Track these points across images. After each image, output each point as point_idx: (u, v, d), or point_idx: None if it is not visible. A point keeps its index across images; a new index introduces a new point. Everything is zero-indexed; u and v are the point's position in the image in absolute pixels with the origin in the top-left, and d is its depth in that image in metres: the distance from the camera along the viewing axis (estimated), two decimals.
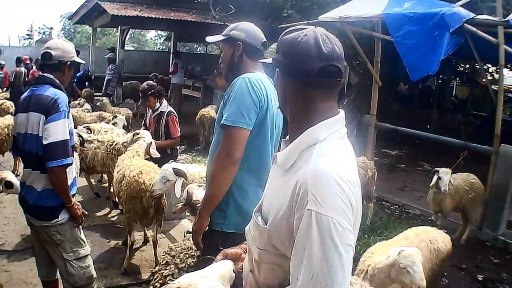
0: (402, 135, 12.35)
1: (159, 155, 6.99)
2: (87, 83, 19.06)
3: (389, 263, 4.00)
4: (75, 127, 7.00)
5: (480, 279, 6.72)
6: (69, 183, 4.16)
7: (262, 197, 2.20)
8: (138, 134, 7.24)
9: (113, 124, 10.15)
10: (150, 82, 8.14)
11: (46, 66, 4.24)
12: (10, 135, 9.31)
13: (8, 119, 9.84)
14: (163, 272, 3.93)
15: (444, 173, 7.19)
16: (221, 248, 2.82)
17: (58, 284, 4.75)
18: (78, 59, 4.43)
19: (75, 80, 18.15)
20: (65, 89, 4.34)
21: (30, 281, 5.75)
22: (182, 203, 4.75)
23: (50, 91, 4.06)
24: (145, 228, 6.62)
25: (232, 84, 3.30)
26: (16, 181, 4.92)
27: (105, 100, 14.31)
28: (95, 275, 4.55)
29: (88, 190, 8.92)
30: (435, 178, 7.24)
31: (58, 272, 4.55)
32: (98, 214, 8.15)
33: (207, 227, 3.41)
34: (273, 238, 1.98)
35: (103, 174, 9.40)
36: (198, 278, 2.06)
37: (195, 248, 3.83)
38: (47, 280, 4.74)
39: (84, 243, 4.44)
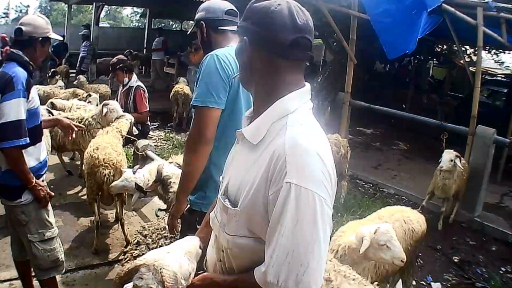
0: (377, 114, 12.35)
1: (137, 132, 6.99)
2: (64, 53, 19.08)
3: (364, 243, 3.93)
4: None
5: (456, 260, 6.75)
6: (35, 164, 4.10)
7: (226, 179, 2.05)
8: (107, 104, 7.21)
9: (88, 102, 9.98)
10: (120, 56, 8.13)
11: (17, 43, 4.12)
12: None
13: None
14: (133, 253, 3.91)
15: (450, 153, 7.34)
16: (197, 227, 2.80)
17: (29, 266, 4.66)
18: (53, 35, 4.26)
19: (52, 49, 17.83)
20: (40, 65, 4.24)
21: (2, 262, 5.65)
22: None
23: (10, 69, 3.92)
24: (117, 206, 6.51)
25: (201, 62, 3.23)
26: None
27: (82, 78, 14.07)
28: (62, 259, 4.45)
29: (60, 168, 8.79)
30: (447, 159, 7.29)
31: None
32: (70, 192, 8.03)
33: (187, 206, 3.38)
34: (245, 221, 1.86)
35: (75, 152, 9.26)
36: (164, 253, 2.03)
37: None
38: (19, 261, 4.68)
39: (51, 225, 4.33)
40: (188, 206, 3.37)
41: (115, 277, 1.95)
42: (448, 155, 7.29)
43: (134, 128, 7.03)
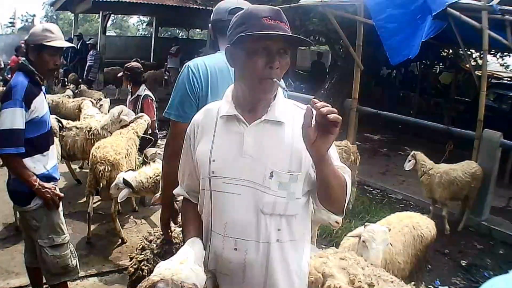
0: (384, 119, 12.35)
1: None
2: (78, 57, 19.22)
3: (355, 235, 4.07)
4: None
5: (463, 264, 6.72)
6: (42, 171, 4.11)
7: (263, 165, 2.20)
8: (121, 111, 7.49)
9: (99, 106, 10.10)
10: (133, 63, 8.13)
11: (24, 52, 4.17)
12: None
13: None
14: (138, 257, 3.90)
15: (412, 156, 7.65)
16: None
17: (41, 274, 4.65)
18: (55, 43, 4.08)
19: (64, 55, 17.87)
20: (48, 74, 4.23)
21: (12, 270, 5.67)
22: (160, 193, 4.77)
23: (15, 79, 3.97)
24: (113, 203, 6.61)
25: None
26: None
27: (83, 87, 14.09)
28: (73, 265, 4.44)
29: (69, 176, 8.83)
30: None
31: None
32: (80, 201, 8.08)
33: None
34: (304, 179, 2.22)
35: (84, 161, 9.31)
36: (178, 265, 2.02)
37: (174, 235, 3.81)
38: (31, 267, 4.69)
39: (62, 231, 4.33)
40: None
41: None
42: (407, 159, 7.70)
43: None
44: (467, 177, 7.50)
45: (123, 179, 5.80)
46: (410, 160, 7.66)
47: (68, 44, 4.67)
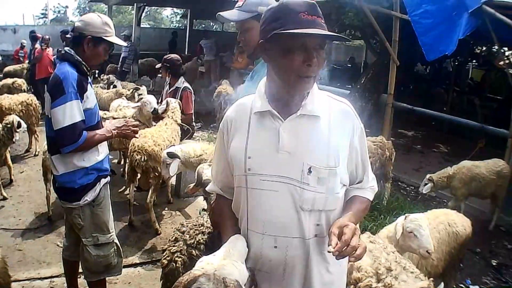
0: (418, 116, 12.26)
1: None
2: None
3: (397, 229, 4.06)
4: None
5: (494, 264, 6.70)
6: (92, 163, 4.09)
7: (300, 160, 2.22)
8: (142, 98, 7.86)
9: (139, 95, 10.17)
10: (172, 55, 8.15)
11: (70, 39, 4.09)
12: (25, 111, 9.42)
13: (23, 96, 9.97)
14: (171, 249, 3.93)
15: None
16: None
17: (78, 266, 4.74)
18: (114, 39, 4.10)
19: None
20: (96, 68, 4.21)
21: (44, 259, 5.79)
22: (194, 184, 4.79)
23: (61, 69, 3.89)
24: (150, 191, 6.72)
25: (254, 70, 3.16)
26: (22, 122, 4.91)
27: (112, 77, 14.21)
28: (114, 263, 4.46)
29: None
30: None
31: None
32: (113, 192, 8.17)
33: None
34: (340, 174, 2.27)
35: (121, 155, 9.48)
36: (220, 260, 2.02)
37: (207, 225, 3.84)
38: (68, 260, 4.72)
39: (108, 230, 4.34)
40: None
41: None
42: (424, 181, 7.70)
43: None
44: (492, 175, 7.41)
45: (167, 153, 5.88)
46: (426, 184, 7.60)
47: (123, 43, 4.65)
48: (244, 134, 2.31)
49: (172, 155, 5.86)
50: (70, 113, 3.78)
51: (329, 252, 1.99)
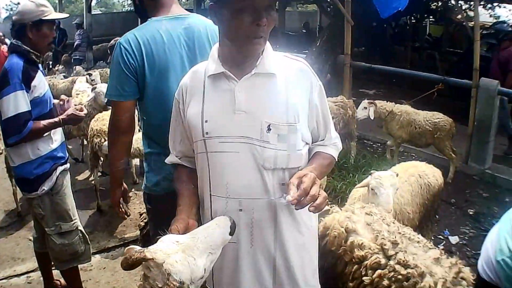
0: (378, 74, 12.27)
1: None
2: (64, 39, 19.07)
3: (364, 185, 4.06)
4: None
5: (471, 213, 6.74)
6: (46, 152, 4.02)
7: (258, 119, 2.15)
8: (95, 88, 7.52)
9: (92, 81, 9.95)
10: (118, 38, 8.02)
11: (14, 34, 4.01)
12: None
13: None
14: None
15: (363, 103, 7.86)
16: (148, 206, 3.25)
17: (49, 257, 4.64)
18: (52, 15, 4.02)
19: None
20: (47, 49, 4.17)
21: (18, 256, 5.75)
22: None
23: (8, 62, 3.86)
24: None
25: None
26: None
27: (79, 67, 13.89)
28: (81, 250, 4.39)
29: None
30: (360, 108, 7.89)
31: None
32: (79, 178, 8.10)
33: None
34: (301, 130, 2.22)
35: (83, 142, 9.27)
36: (179, 253, 1.82)
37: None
38: (39, 252, 4.69)
39: (70, 218, 4.26)
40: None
41: (123, 259, 1.82)
42: (361, 104, 7.77)
43: None
44: (428, 125, 7.53)
45: None
46: (365, 108, 7.74)
47: (65, 15, 4.67)
48: (200, 99, 2.25)
49: None
50: (14, 103, 3.74)
51: (287, 202, 1.93)
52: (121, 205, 3.41)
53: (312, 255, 2.45)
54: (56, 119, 4.02)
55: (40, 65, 4.06)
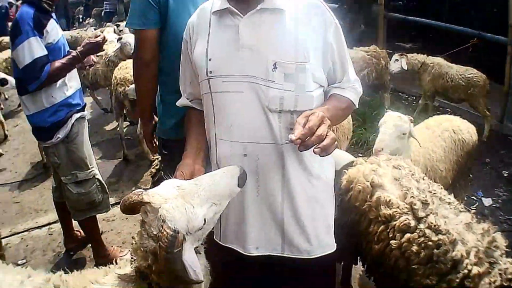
0: (414, 28, 11.94)
1: None
2: None
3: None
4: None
5: (505, 175, 6.48)
6: (61, 98, 4.04)
7: (264, 57, 2.05)
8: (121, 39, 7.51)
9: (120, 31, 9.87)
10: None
11: None
12: (11, 67, 9.28)
13: (6, 53, 9.76)
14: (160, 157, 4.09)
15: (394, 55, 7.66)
16: (164, 152, 3.20)
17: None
18: None
19: None
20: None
21: (41, 207, 5.85)
22: None
23: (19, 12, 3.88)
24: None
25: None
26: (9, 78, 5.55)
27: (109, 24, 13.85)
28: (99, 199, 4.42)
29: (95, 106, 8.97)
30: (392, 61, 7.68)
31: None
32: (108, 128, 8.20)
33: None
34: (313, 70, 2.09)
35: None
36: (178, 199, 1.75)
37: None
38: (58, 202, 4.73)
39: (86, 166, 4.28)
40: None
41: (122, 201, 1.79)
42: (393, 57, 7.60)
43: None
44: (461, 80, 7.32)
45: None
46: (396, 60, 7.56)
47: None
48: (205, 37, 2.16)
49: None
50: (29, 50, 3.75)
51: (291, 141, 1.77)
52: (154, 140, 3.38)
53: (327, 210, 2.30)
54: (73, 53, 4.02)
55: (53, 14, 4.05)
